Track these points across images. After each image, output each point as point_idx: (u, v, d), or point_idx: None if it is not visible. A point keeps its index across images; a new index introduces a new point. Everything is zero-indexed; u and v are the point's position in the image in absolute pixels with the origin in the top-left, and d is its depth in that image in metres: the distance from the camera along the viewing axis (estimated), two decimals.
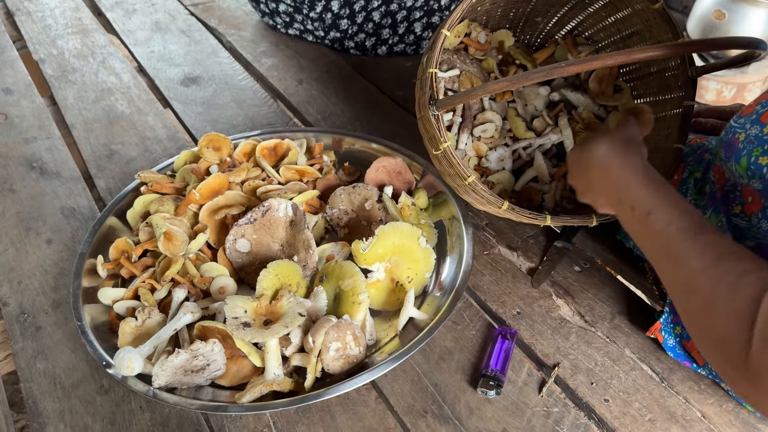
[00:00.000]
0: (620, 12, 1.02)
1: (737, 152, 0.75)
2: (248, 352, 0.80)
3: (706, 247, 0.60)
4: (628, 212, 0.70)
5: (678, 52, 0.71)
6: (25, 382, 0.86)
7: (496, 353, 0.86)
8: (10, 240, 1.06)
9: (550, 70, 0.69)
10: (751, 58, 0.83)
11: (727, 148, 0.76)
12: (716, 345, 0.56)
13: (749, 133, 0.73)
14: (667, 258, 0.64)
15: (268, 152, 1.10)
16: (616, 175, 0.73)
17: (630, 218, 0.70)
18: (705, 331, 0.57)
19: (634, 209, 0.69)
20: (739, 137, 0.75)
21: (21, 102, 1.40)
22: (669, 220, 0.64)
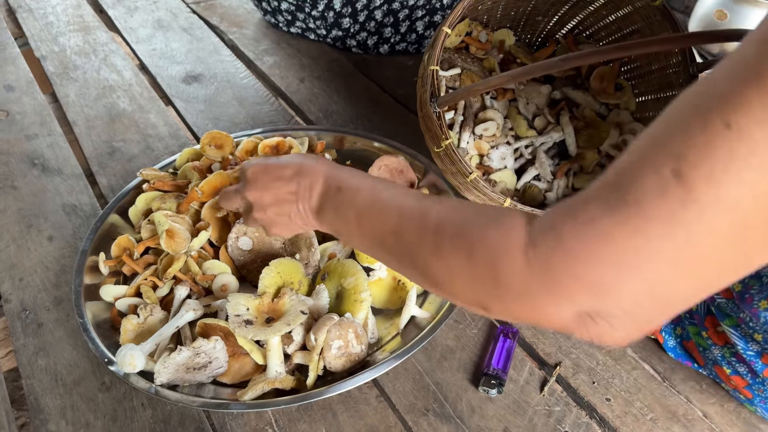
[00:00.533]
0: (621, 10, 1.02)
1: None
2: (250, 349, 0.80)
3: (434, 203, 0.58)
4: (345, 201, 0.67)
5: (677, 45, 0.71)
6: (27, 378, 0.86)
7: (498, 352, 0.86)
8: (12, 237, 1.06)
9: (551, 65, 0.69)
10: None
11: None
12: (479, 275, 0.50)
13: None
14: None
15: (270, 150, 1.10)
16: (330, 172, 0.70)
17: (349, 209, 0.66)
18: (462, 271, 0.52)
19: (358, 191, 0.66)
20: None
21: (23, 99, 1.40)
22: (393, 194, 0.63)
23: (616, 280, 0.41)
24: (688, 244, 0.38)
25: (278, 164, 0.74)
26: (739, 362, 0.75)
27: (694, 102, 0.38)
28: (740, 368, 0.75)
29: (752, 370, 0.73)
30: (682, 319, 0.83)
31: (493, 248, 0.48)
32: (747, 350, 0.72)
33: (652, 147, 0.40)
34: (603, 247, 0.41)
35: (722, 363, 0.77)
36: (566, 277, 0.43)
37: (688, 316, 0.81)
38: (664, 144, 0.39)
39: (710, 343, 0.78)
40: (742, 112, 0.35)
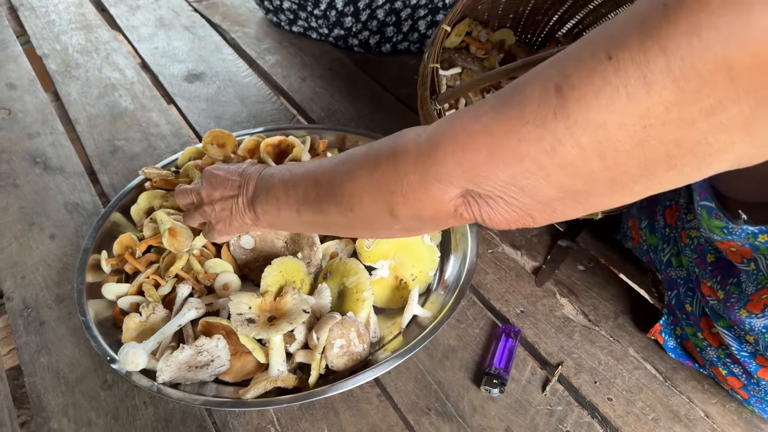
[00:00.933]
0: (620, 7, 1.02)
1: None
2: (252, 348, 0.80)
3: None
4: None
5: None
6: (29, 376, 0.86)
7: (500, 351, 0.86)
8: (14, 235, 1.06)
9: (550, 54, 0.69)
10: None
11: None
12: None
13: None
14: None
15: (272, 149, 1.10)
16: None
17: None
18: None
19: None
20: None
21: (24, 97, 1.40)
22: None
23: (489, 168, 0.48)
24: (552, 150, 0.44)
25: (232, 168, 0.81)
26: (733, 363, 0.75)
27: (593, 36, 0.43)
28: (735, 369, 0.75)
29: (746, 371, 0.73)
30: (680, 320, 0.83)
31: (394, 151, 0.57)
32: (741, 351, 0.72)
33: (550, 65, 0.45)
34: (482, 137, 0.48)
35: (718, 364, 0.77)
36: (450, 162, 0.51)
37: (684, 317, 0.81)
38: (558, 64, 0.44)
39: (706, 344, 0.78)
40: (622, 48, 0.39)
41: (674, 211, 0.86)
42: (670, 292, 0.84)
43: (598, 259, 1.01)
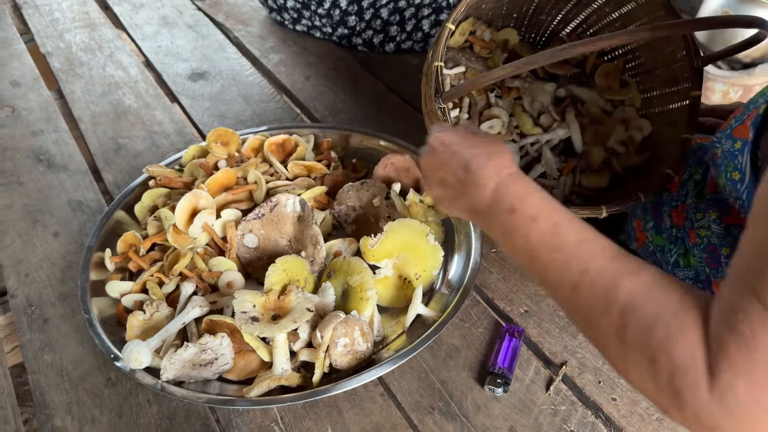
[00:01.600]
0: (624, 6, 1.02)
1: (717, 168, 0.74)
2: (256, 346, 0.80)
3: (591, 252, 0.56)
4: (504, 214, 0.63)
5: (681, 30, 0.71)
6: (33, 374, 0.86)
7: (504, 351, 0.86)
8: (18, 232, 1.07)
9: (555, 53, 0.69)
10: (756, 42, 0.82)
11: (713, 162, 0.76)
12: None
13: (724, 149, 0.73)
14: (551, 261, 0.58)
15: (276, 148, 1.10)
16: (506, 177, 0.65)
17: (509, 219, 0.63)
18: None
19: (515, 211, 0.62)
20: (717, 152, 0.75)
21: (28, 95, 1.40)
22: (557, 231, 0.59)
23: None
24: None
25: (452, 150, 0.69)
26: None
27: None
28: None
29: None
30: None
31: (675, 369, 0.45)
32: None
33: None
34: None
35: None
36: (756, 412, 0.42)
37: None
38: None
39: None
40: None
41: (681, 212, 0.86)
42: None
43: None
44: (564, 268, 0.56)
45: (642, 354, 0.48)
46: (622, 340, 0.49)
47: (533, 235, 0.59)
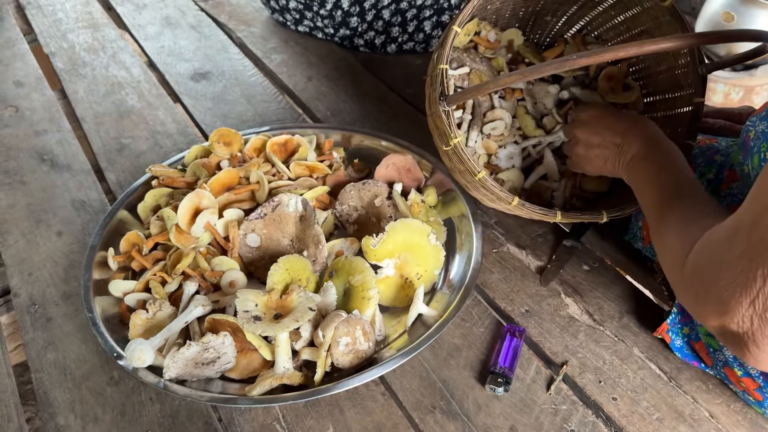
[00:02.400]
0: (630, 10, 1.02)
1: (749, 151, 0.75)
2: (259, 345, 0.80)
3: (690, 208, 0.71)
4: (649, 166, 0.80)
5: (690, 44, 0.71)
6: (36, 372, 0.87)
7: (505, 350, 0.86)
8: (21, 232, 1.07)
9: (563, 62, 0.69)
10: (761, 53, 0.83)
11: (742, 148, 0.77)
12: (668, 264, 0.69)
13: (758, 130, 0.74)
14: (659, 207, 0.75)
15: (278, 148, 1.10)
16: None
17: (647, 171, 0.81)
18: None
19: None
20: (750, 135, 0.75)
21: (32, 95, 1.41)
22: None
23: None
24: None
25: (612, 117, 0.89)
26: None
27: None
28: (752, 370, 0.75)
29: (764, 373, 0.73)
30: (693, 320, 0.83)
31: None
32: None
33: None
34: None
35: (733, 365, 0.77)
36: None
37: None
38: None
39: (722, 344, 0.77)
40: None
41: None
42: None
43: (603, 260, 1.01)
44: (664, 213, 0.73)
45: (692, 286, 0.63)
46: (683, 280, 0.64)
47: (659, 184, 0.77)
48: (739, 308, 0.54)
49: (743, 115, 1.00)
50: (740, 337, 0.56)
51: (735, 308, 0.54)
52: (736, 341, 0.57)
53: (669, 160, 0.79)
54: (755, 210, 0.53)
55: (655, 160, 0.80)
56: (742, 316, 0.54)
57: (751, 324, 0.54)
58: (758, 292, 0.52)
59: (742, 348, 0.56)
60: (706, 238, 0.60)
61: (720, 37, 0.76)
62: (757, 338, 0.54)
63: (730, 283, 0.54)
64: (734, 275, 0.54)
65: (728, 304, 0.54)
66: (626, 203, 0.93)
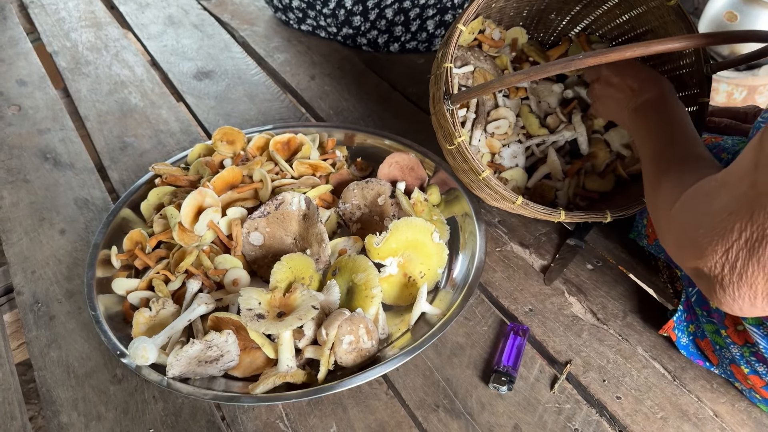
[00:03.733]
0: (634, 10, 1.01)
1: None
2: (262, 343, 0.80)
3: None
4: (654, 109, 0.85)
5: (697, 44, 0.71)
6: (39, 370, 0.87)
7: (508, 349, 0.86)
8: (24, 230, 1.07)
9: (569, 62, 0.69)
10: (766, 54, 0.83)
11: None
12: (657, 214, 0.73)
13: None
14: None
15: (281, 146, 1.10)
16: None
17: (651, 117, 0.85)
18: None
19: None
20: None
21: (35, 93, 1.41)
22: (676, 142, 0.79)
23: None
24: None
25: (637, 65, 0.92)
26: (758, 362, 0.75)
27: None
28: (759, 368, 0.75)
29: None
30: (699, 317, 0.82)
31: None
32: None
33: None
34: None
35: (740, 362, 0.77)
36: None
37: (705, 314, 0.81)
38: None
39: (729, 341, 0.77)
40: None
41: None
42: (690, 288, 0.84)
43: (606, 258, 1.01)
44: (660, 160, 0.78)
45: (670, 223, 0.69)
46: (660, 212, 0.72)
47: (663, 133, 0.81)
48: (713, 255, 0.58)
49: (749, 114, 0.99)
50: (711, 281, 0.60)
51: (710, 254, 0.58)
52: (707, 283, 0.61)
53: (677, 115, 0.83)
54: (743, 165, 0.56)
55: (663, 110, 0.84)
56: (715, 263, 0.58)
57: (722, 270, 0.58)
58: (733, 243, 0.56)
59: (711, 290, 0.61)
60: (696, 188, 0.65)
61: (727, 38, 0.76)
62: (725, 283, 0.59)
63: (708, 231, 0.58)
64: (714, 224, 0.58)
65: (704, 249, 0.59)
66: (630, 203, 0.93)
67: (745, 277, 0.57)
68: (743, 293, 0.58)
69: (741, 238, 0.55)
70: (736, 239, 0.56)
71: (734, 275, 0.57)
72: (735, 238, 0.56)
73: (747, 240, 0.55)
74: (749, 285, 0.57)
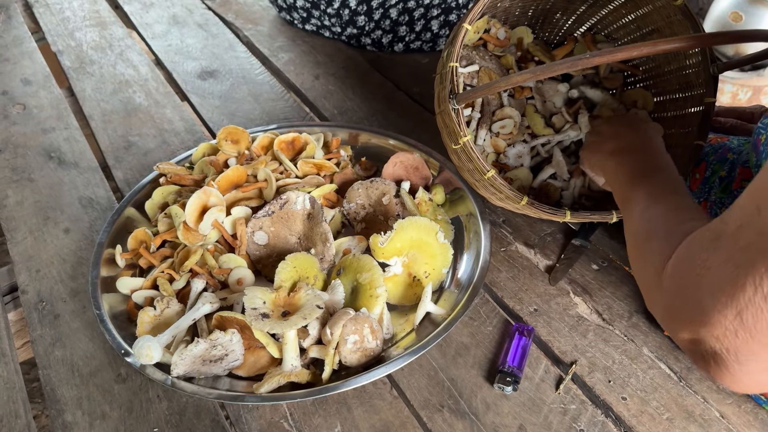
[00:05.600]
0: (640, 9, 1.01)
1: (760, 154, 0.74)
2: (266, 342, 0.80)
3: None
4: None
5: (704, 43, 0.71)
6: (43, 369, 0.87)
7: (513, 349, 0.86)
8: (29, 229, 1.07)
9: (575, 61, 0.68)
10: None
11: (754, 150, 0.76)
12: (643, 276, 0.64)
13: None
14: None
15: (285, 146, 1.10)
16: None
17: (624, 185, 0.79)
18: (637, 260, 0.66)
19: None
20: (761, 138, 0.74)
21: (39, 93, 1.41)
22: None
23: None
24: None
25: (633, 118, 0.90)
26: None
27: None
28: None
29: None
30: None
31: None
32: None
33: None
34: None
35: None
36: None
37: None
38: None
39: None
40: None
41: (704, 208, 0.86)
42: None
43: (612, 259, 1.00)
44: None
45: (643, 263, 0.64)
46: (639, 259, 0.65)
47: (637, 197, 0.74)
48: (722, 320, 0.47)
49: (755, 114, 0.99)
50: (718, 353, 0.50)
51: (717, 320, 0.48)
52: (711, 357, 0.51)
53: (663, 163, 0.77)
54: (742, 212, 0.48)
55: (646, 159, 0.79)
56: (725, 329, 0.48)
57: (735, 337, 0.47)
58: (747, 303, 0.46)
59: (720, 365, 0.50)
60: (688, 242, 0.56)
61: (734, 37, 0.75)
62: (741, 355, 0.48)
63: (713, 291, 0.48)
64: (718, 282, 0.48)
65: (709, 314, 0.48)
66: None
67: (766, 342, 0.46)
68: (761, 362, 0.48)
69: (757, 294, 0.45)
70: (751, 296, 0.45)
71: (752, 342, 0.47)
72: (750, 295, 0.45)
73: (767, 296, 0.45)
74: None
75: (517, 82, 0.77)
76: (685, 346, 0.55)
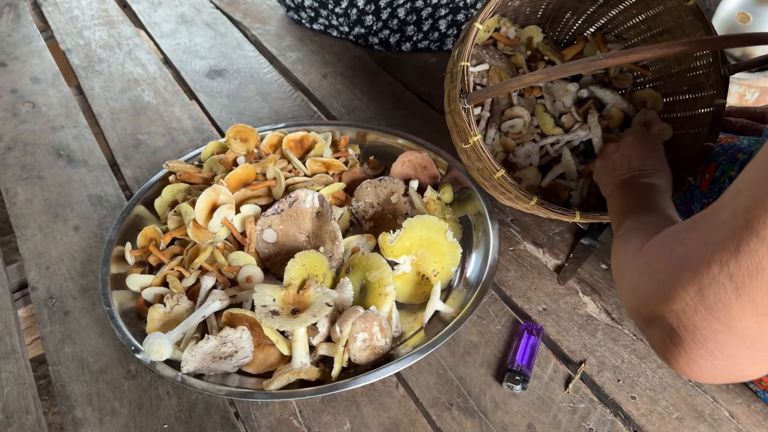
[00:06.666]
0: (651, 9, 1.01)
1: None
2: (276, 340, 0.80)
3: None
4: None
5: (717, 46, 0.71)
6: (53, 365, 0.87)
7: (522, 348, 0.86)
8: (38, 226, 1.07)
9: (589, 62, 0.68)
10: None
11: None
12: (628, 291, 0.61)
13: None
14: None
15: (294, 144, 1.10)
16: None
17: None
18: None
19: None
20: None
21: (48, 91, 1.41)
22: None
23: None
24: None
25: (648, 158, 0.86)
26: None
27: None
28: None
29: None
30: None
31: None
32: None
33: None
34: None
35: None
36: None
37: None
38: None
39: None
40: None
41: None
42: None
43: None
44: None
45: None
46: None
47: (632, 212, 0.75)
48: (683, 295, 0.47)
49: (766, 115, 0.99)
50: (675, 330, 0.48)
51: (678, 294, 0.47)
52: (668, 336, 0.50)
53: (664, 204, 0.77)
54: (726, 197, 0.47)
55: (651, 190, 0.79)
56: (686, 305, 0.47)
57: (694, 314, 0.46)
58: (711, 280, 0.45)
59: (677, 344, 0.49)
60: (669, 228, 0.56)
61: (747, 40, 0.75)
62: (698, 332, 0.47)
63: (678, 266, 0.48)
64: (685, 258, 0.48)
65: (672, 288, 0.48)
66: None
67: (727, 322, 0.45)
68: (720, 344, 0.46)
69: (722, 272, 0.44)
70: (716, 274, 0.44)
71: (712, 320, 0.46)
72: (715, 272, 0.44)
73: (732, 275, 0.44)
74: (732, 333, 0.45)
75: (530, 83, 0.77)
76: (643, 325, 0.54)
